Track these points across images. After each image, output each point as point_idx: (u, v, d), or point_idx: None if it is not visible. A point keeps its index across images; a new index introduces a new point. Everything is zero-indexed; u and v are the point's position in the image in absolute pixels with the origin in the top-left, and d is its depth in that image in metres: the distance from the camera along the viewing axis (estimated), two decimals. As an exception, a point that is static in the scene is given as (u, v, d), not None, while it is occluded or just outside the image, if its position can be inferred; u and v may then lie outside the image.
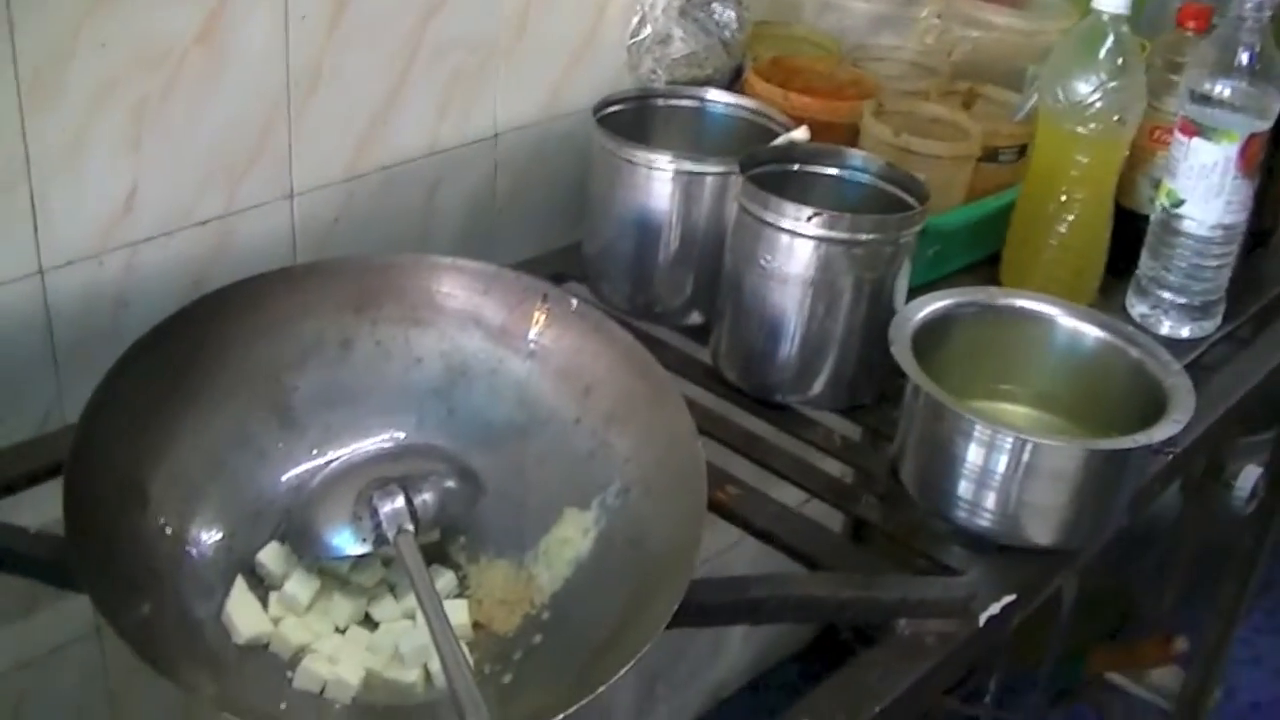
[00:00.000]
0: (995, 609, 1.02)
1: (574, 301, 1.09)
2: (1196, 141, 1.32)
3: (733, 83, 1.50)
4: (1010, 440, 1.04)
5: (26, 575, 0.97)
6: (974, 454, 1.06)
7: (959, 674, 1.03)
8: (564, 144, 1.48)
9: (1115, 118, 1.33)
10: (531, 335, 1.09)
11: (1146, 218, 1.42)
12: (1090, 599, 1.53)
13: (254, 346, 1.06)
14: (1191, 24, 1.49)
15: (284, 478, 1.05)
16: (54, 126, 1.08)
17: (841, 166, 1.28)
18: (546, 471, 1.06)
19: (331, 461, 1.07)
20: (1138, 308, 1.41)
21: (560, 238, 1.49)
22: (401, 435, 1.09)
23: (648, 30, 1.45)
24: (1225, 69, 1.30)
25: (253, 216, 1.24)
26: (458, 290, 1.10)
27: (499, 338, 1.10)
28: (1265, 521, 1.87)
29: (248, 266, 1.12)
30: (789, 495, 1.13)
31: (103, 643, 1.30)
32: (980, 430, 1.05)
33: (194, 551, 0.98)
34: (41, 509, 0.98)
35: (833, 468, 1.19)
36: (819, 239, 1.16)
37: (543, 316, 1.09)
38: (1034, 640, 1.57)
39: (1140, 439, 1.05)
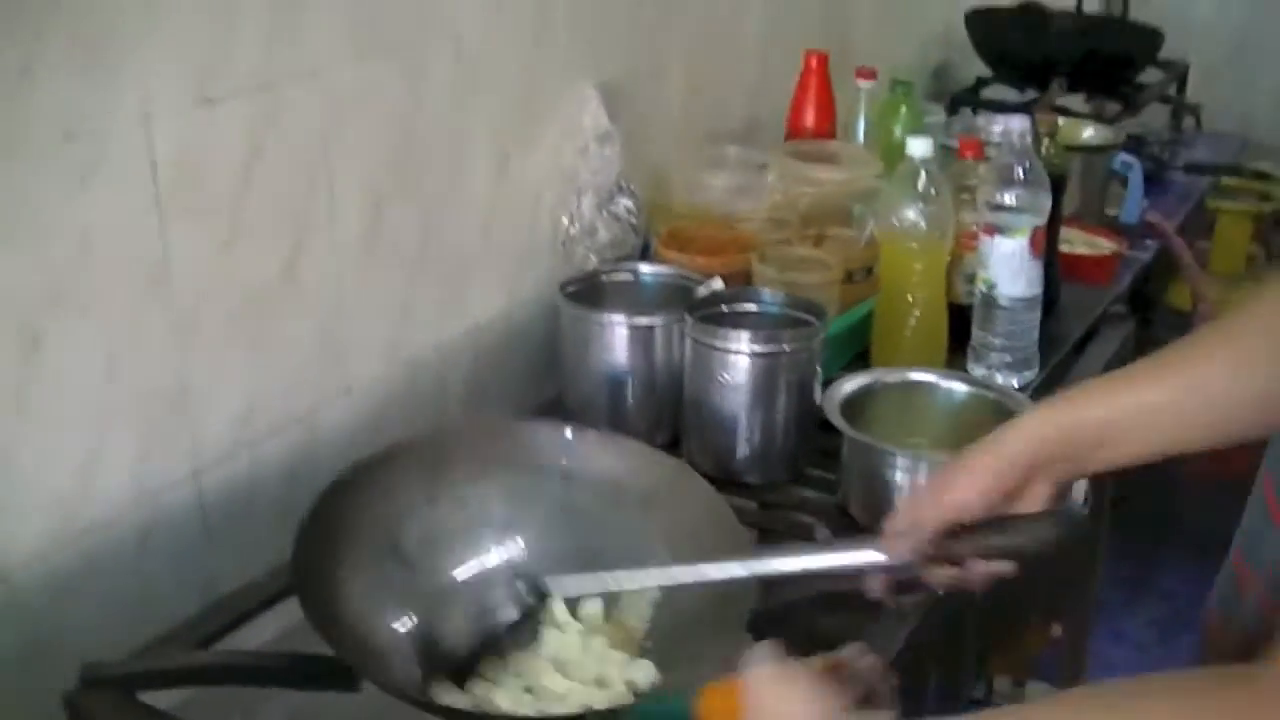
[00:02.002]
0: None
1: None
2: (998, 238, 1.80)
3: (643, 254, 1.95)
4: (923, 462, 1.49)
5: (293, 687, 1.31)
6: (899, 478, 1.50)
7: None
8: (525, 328, 1.90)
9: (937, 233, 1.81)
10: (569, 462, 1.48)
11: (965, 307, 1.89)
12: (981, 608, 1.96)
13: (370, 510, 1.41)
14: (970, 154, 2.00)
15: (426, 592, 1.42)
16: (202, 357, 1.46)
17: (757, 301, 1.73)
18: (616, 551, 1.44)
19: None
20: (976, 369, 1.87)
21: (533, 398, 1.90)
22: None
23: (576, 227, 1.89)
24: (1009, 182, 1.79)
25: (329, 410, 1.63)
26: (522, 443, 1.49)
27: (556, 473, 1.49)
28: (1096, 522, 2.36)
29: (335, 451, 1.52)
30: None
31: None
32: (900, 459, 1.50)
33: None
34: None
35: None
36: (758, 354, 1.60)
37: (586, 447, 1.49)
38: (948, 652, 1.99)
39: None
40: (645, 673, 1.31)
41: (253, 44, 1.44)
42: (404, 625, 1.37)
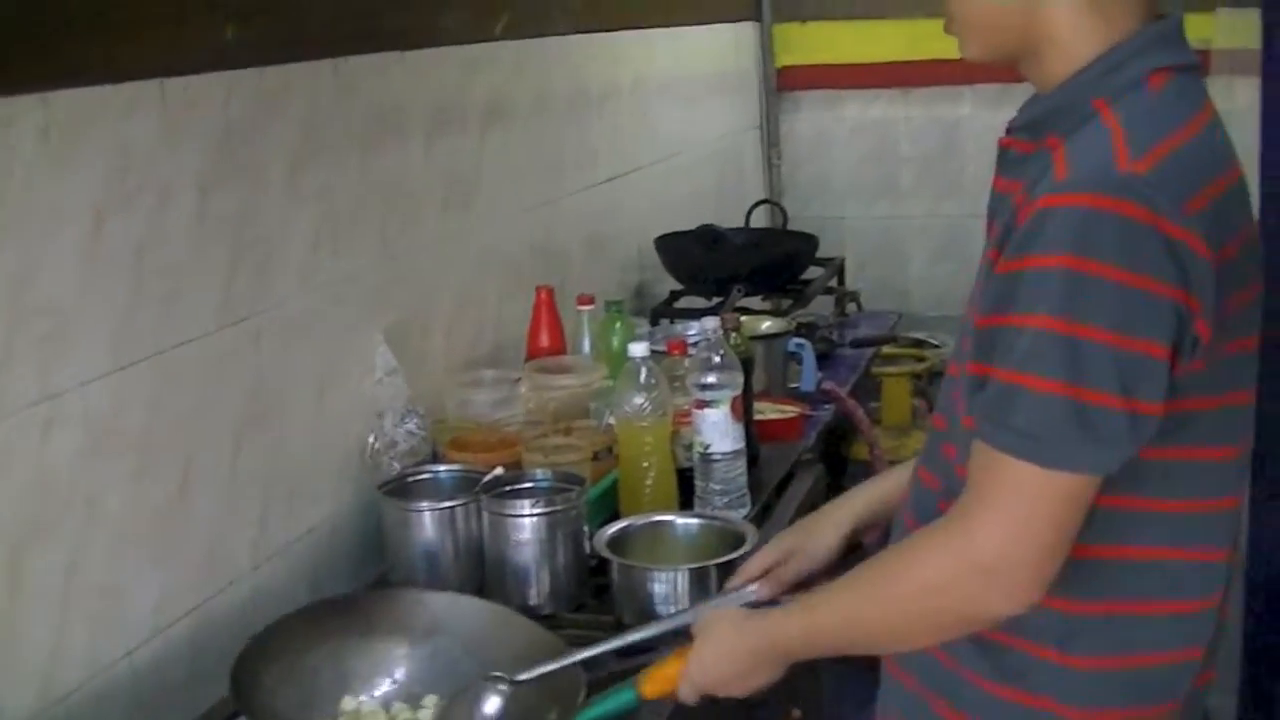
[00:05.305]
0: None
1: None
2: (707, 410, 2.39)
3: (434, 459, 2.47)
4: (676, 574, 2.04)
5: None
6: (659, 589, 2.05)
7: None
8: (349, 523, 2.41)
9: (660, 413, 2.39)
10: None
11: (685, 469, 2.46)
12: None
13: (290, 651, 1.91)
14: (677, 351, 2.61)
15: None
16: (128, 563, 1.93)
17: (532, 480, 2.27)
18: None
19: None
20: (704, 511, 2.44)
21: (363, 577, 2.39)
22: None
23: (380, 443, 2.41)
24: (709, 366, 2.39)
25: (215, 601, 2.11)
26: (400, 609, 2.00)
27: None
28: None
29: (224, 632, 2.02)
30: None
31: None
32: (658, 575, 2.05)
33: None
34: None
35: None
36: (539, 515, 2.15)
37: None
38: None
39: (735, 558, 2.06)
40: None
41: (151, 320, 1.96)
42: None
